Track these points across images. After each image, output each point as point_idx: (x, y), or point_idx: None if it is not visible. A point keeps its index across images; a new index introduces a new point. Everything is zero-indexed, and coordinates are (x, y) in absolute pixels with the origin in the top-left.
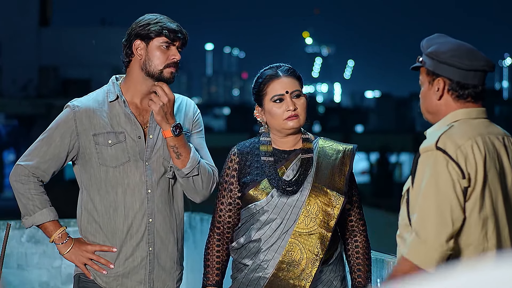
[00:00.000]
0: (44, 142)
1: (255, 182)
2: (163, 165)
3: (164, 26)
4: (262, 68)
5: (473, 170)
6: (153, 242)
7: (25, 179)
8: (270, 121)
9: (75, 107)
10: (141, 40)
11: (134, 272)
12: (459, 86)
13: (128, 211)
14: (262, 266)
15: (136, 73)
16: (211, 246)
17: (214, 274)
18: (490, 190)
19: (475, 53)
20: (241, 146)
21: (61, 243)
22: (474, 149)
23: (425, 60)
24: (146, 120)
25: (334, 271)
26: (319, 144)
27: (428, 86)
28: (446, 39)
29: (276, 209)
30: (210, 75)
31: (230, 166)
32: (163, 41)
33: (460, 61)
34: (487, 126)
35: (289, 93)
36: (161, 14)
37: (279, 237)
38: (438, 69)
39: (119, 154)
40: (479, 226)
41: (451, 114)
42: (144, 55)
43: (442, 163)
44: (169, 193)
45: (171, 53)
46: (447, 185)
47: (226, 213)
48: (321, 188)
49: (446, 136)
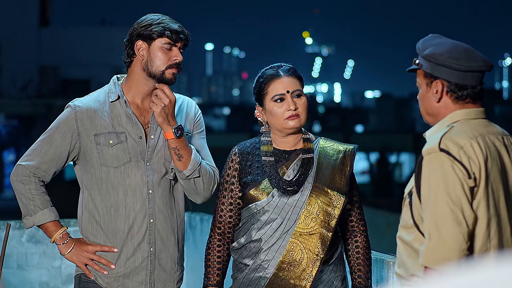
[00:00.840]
0: (45, 142)
1: (255, 182)
2: (164, 165)
3: (167, 27)
4: (262, 68)
5: (477, 169)
6: (154, 243)
7: (26, 179)
8: (271, 120)
9: (76, 107)
10: (143, 40)
11: (135, 272)
12: (458, 88)
13: (129, 212)
14: (263, 266)
15: (137, 73)
16: (212, 246)
17: (215, 274)
18: (493, 189)
19: (472, 53)
20: (241, 146)
21: (62, 244)
22: (475, 149)
23: (421, 63)
24: (148, 120)
25: (335, 271)
26: (320, 144)
27: (426, 89)
28: (441, 40)
29: (277, 209)
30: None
31: (231, 166)
32: (165, 42)
33: (457, 63)
34: (486, 126)
35: (290, 92)
36: (163, 14)
37: (279, 237)
38: (435, 71)
39: (120, 154)
40: (484, 225)
41: (450, 115)
42: (146, 56)
43: (448, 165)
44: (170, 194)
45: (173, 54)
46: (455, 186)
47: (227, 213)
48: (322, 188)
49: (447, 138)
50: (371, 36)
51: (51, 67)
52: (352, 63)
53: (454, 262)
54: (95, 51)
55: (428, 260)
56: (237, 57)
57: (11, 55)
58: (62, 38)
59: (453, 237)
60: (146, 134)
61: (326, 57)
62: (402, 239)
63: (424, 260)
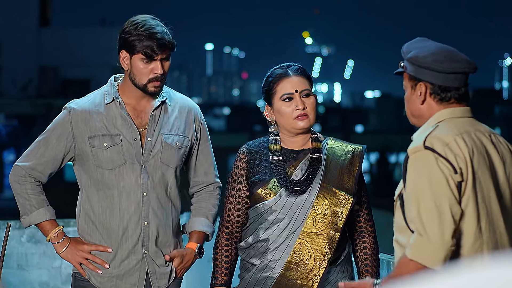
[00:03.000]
0: (41, 143)
1: (263, 181)
2: (161, 168)
3: (143, 43)
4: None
5: (463, 164)
6: (148, 245)
7: (22, 180)
8: (280, 120)
9: (71, 109)
10: (126, 51)
11: (128, 274)
12: (441, 90)
13: (124, 214)
14: (270, 266)
15: (127, 79)
16: (219, 245)
17: (223, 274)
18: (481, 185)
19: (455, 55)
20: (250, 145)
21: (57, 242)
22: (460, 144)
23: (406, 65)
24: (145, 122)
25: (342, 272)
26: (329, 144)
27: (411, 91)
28: (425, 43)
29: (284, 209)
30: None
31: (239, 165)
32: (143, 57)
33: (440, 65)
34: (473, 124)
35: (298, 92)
36: (147, 17)
37: (287, 237)
38: (419, 73)
39: (114, 156)
40: (475, 221)
41: (435, 115)
42: (129, 66)
43: (432, 161)
44: (166, 197)
45: (153, 67)
46: (441, 182)
47: (235, 213)
48: (330, 188)
49: (432, 136)
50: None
51: (51, 67)
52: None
53: (440, 259)
54: (95, 51)
55: (415, 254)
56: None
57: (11, 55)
58: (62, 38)
59: (441, 234)
60: (142, 136)
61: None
62: (398, 242)
63: (411, 253)
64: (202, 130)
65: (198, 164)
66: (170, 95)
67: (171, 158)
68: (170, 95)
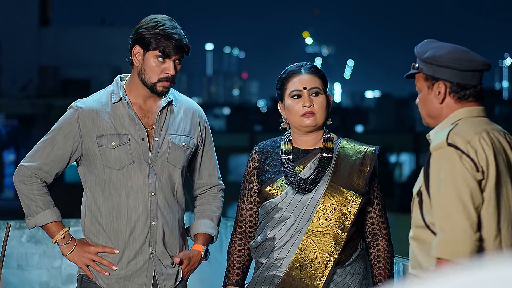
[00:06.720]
0: (47, 143)
1: (272, 179)
2: (168, 168)
3: (162, 40)
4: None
5: (484, 163)
6: (155, 245)
7: (28, 180)
8: (289, 117)
9: (78, 108)
10: (140, 46)
11: (136, 275)
12: (460, 88)
13: (131, 214)
14: (276, 264)
15: (135, 77)
16: (232, 245)
17: (235, 274)
18: (501, 183)
19: (471, 54)
20: (262, 145)
21: (64, 244)
22: (482, 143)
23: (421, 66)
24: (152, 121)
25: (352, 274)
26: (341, 144)
27: (427, 91)
28: (438, 44)
29: (290, 207)
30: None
31: (251, 164)
32: (159, 55)
33: (458, 63)
34: (488, 123)
35: (307, 89)
36: (166, 17)
37: (292, 236)
38: (437, 73)
39: (122, 156)
40: (495, 219)
41: (453, 114)
42: (140, 63)
43: (456, 158)
44: (173, 197)
45: (166, 67)
46: (464, 178)
47: (247, 212)
48: (337, 187)
49: (454, 133)
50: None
51: (51, 67)
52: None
53: (466, 253)
54: (95, 51)
55: (441, 252)
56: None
57: (11, 55)
58: (62, 38)
59: (464, 228)
60: (149, 136)
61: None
62: (416, 239)
63: (437, 252)
64: (206, 132)
65: (203, 166)
66: (176, 97)
67: (178, 158)
68: (175, 96)
